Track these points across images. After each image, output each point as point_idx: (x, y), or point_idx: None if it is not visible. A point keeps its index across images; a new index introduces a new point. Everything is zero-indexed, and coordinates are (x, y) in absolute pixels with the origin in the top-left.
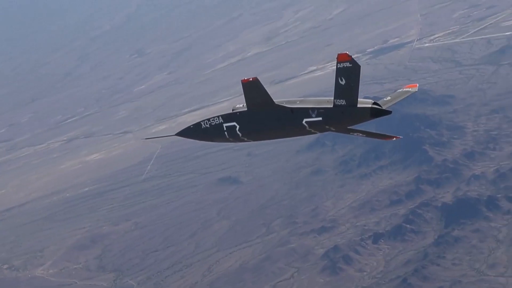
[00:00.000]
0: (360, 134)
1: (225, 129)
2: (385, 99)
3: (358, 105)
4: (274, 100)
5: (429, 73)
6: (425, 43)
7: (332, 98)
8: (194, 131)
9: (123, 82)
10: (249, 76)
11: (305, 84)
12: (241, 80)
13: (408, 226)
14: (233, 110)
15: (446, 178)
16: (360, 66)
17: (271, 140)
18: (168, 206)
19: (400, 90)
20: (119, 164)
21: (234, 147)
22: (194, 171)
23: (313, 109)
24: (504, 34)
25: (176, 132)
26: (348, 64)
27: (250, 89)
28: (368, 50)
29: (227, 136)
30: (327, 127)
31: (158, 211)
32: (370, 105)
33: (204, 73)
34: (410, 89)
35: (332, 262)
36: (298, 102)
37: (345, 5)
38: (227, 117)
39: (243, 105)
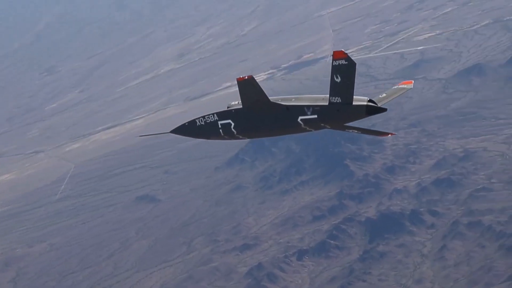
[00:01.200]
0: (356, 131)
1: (220, 126)
2: (380, 96)
3: (354, 103)
4: (269, 98)
5: None
6: None
7: (328, 95)
8: (188, 129)
9: (35, 100)
10: None
11: (220, 101)
12: (236, 79)
13: (332, 242)
14: (228, 107)
15: (369, 193)
16: (355, 64)
17: (189, 158)
18: (84, 226)
19: (395, 87)
20: (32, 184)
21: (151, 165)
22: (111, 189)
23: (308, 106)
24: (416, 48)
25: (171, 130)
26: (343, 62)
27: (245, 88)
28: (283, 65)
29: (222, 134)
30: (322, 124)
31: (74, 231)
32: (365, 103)
33: (118, 91)
34: (405, 85)
35: (256, 281)
36: (293, 99)
37: (257, 21)
38: (222, 115)
39: (238, 102)
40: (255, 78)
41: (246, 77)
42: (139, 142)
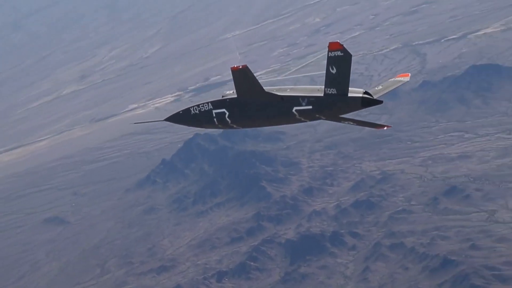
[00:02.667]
0: (352, 123)
1: (214, 115)
2: (376, 88)
3: (349, 94)
4: (264, 88)
5: None
6: None
7: (323, 86)
8: (183, 117)
9: None
10: None
11: (127, 122)
12: (231, 68)
13: (252, 263)
14: (222, 96)
15: (287, 214)
16: (351, 55)
17: (97, 179)
18: None
19: (392, 79)
20: None
21: (58, 187)
22: (17, 211)
23: (303, 97)
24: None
25: (165, 118)
26: (339, 53)
27: (240, 77)
28: (190, 87)
29: (216, 123)
30: (317, 115)
31: None
32: (361, 95)
33: (18, 112)
34: (402, 78)
35: None
36: (288, 90)
37: (160, 43)
38: (216, 104)
39: (233, 92)
40: (184, 102)
41: (241, 67)
42: (42, 164)
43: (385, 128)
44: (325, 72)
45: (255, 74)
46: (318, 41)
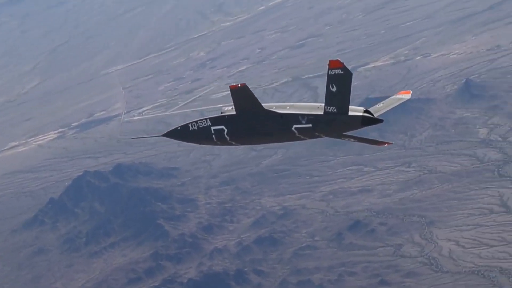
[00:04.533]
0: (352, 139)
1: (213, 132)
2: (377, 106)
3: (350, 113)
4: (263, 105)
5: (145, 146)
6: (134, 116)
7: (323, 104)
8: (181, 133)
9: None
10: None
11: (8, 160)
12: (229, 86)
13: None
14: (221, 113)
15: (187, 253)
16: (352, 74)
17: None
18: None
19: (392, 97)
20: None
21: None
22: None
23: (303, 115)
24: (216, 106)
25: (163, 133)
26: (339, 71)
27: (239, 96)
28: (74, 124)
29: (215, 139)
30: (317, 134)
31: None
32: (361, 113)
33: None
34: (403, 96)
35: None
36: (288, 107)
37: (39, 78)
38: (215, 120)
39: (231, 108)
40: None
41: (239, 85)
42: None
43: (386, 145)
44: (210, 108)
45: (141, 110)
46: (205, 75)
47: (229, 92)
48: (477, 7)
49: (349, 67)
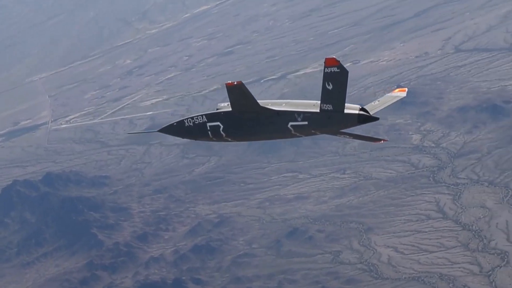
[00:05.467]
0: (348, 136)
1: (208, 128)
2: (373, 103)
3: (345, 111)
4: (259, 102)
5: (74, 154)
6: (62, 124)
7: (319, 101)
8: (176, 129)
9: None
10: None
11: None
12: (225, 84)
13: None
14: (217, 109)
15: (122, 262)
16: (348, 72)
17: None
18: None
19: (388, 95)
20: None
21: None
22: None
23: (299, 113)
24: (145, 114)
25: (158, 129)
26: (335, 69)
27: (235, 93)
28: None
29: (211, 136)
30: (312, 131)
31: None
32: (357, 111)
33: None
34: (399, 93)
35: None
36: (284, 104)
37: None
38: (211, 117)
39: (227, 104)
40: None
41: (235, 83)
42: None
43: (382, 141)
44: (139, 116)
45: (68, 118)
46: (132, 83)
47: (158, 99)
48: (404, 14)
49: (279, 74)
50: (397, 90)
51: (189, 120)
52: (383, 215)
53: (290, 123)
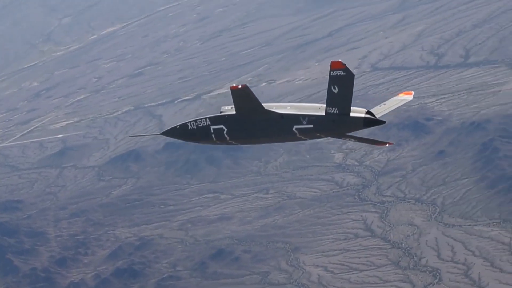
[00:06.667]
0: (352, 139)
1: (212, 131)
2: (379, 107)
3: (351, 114)
4: (263, 105)
5: None
6: None
7: (324, 105)
8: (180, 132)
9: None
10: None
11: None
12: (230, 87)
13: None
14: (221, 112)
15: None
16: (354, 75)
17: None
18: None
19: (394, 98)
20: None
21: None
22: None
23: (304, 116)
24: (56, 136)
25: (161, 132)
26: (341, 73)
27: (239, 96)
28: None
29: (214, 139)
30: (318, 134)
31: None
32: (363, 115)
33: None
34: (405, 96)
35: None
36: (288, 107)
37: None
38: (214, 120)
39: (231, 107)
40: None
41: (240, 86)
42: None
43: (387, 145)
44: (50, 139)
45: None
46: (40, 105)
47: (68, 122)
48: (317, 34)
49: (193, 95)
50: (402, 93)
51: (193, 123)
52: (310, 234)
53: (295, 127)
